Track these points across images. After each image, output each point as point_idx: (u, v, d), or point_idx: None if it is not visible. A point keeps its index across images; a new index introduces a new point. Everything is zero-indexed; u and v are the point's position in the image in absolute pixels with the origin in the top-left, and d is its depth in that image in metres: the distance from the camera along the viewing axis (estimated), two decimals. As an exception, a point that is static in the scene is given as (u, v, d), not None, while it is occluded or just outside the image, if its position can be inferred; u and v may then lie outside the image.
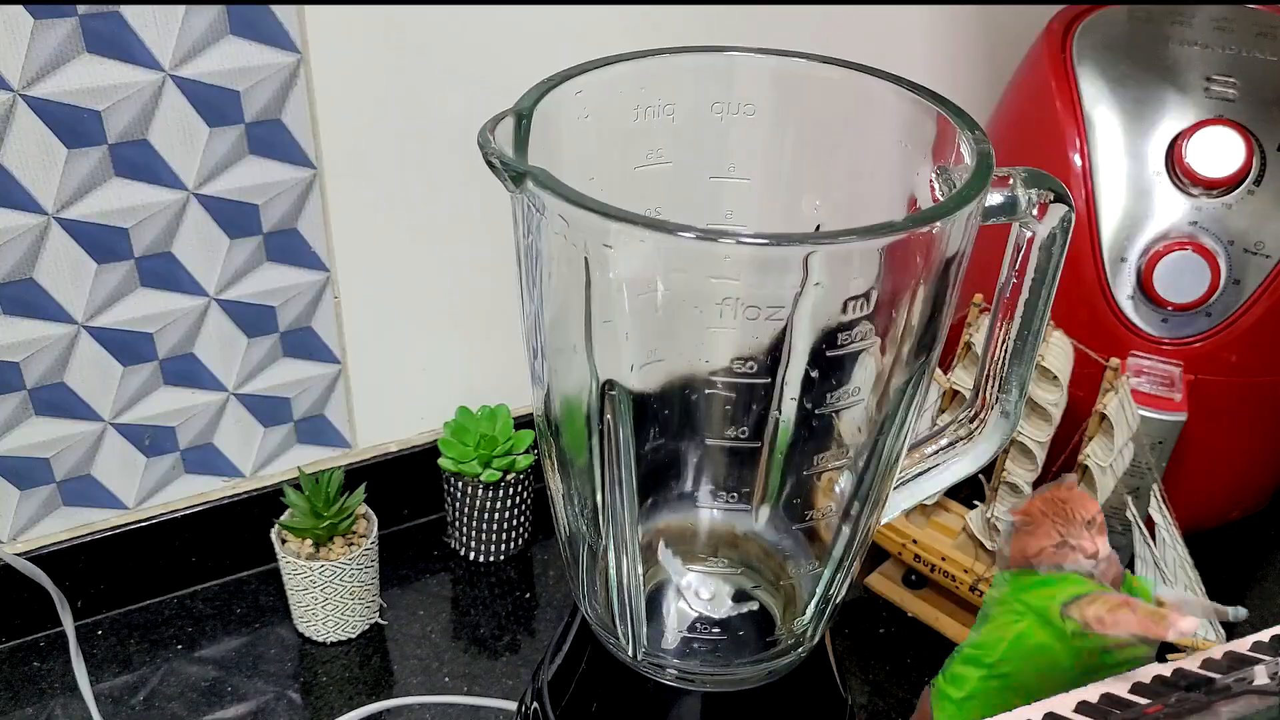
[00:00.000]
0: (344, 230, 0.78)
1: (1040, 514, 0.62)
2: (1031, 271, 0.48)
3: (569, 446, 0.50)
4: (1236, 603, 0.63)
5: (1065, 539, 0.61)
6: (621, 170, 0.52)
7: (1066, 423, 0.72)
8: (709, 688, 0.53)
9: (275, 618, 0.83)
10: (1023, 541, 0.62)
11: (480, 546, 0.88)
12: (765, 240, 0.40)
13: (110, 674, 0.78)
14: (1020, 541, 0.62)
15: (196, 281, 0.75)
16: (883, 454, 0.49)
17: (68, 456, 0.77)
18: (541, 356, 0.49)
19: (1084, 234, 0.77)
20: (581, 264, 0.43)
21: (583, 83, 0.49)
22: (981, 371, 0.52)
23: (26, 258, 0.69)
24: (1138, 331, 0.77)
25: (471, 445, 0.85)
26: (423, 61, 0.75)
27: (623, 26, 0.81)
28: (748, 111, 0.52)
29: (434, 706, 0.77)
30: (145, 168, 0.70)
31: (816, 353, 0.44)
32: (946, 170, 0.47)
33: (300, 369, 0.82)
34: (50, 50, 0.64)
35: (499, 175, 0.42)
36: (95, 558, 0.80)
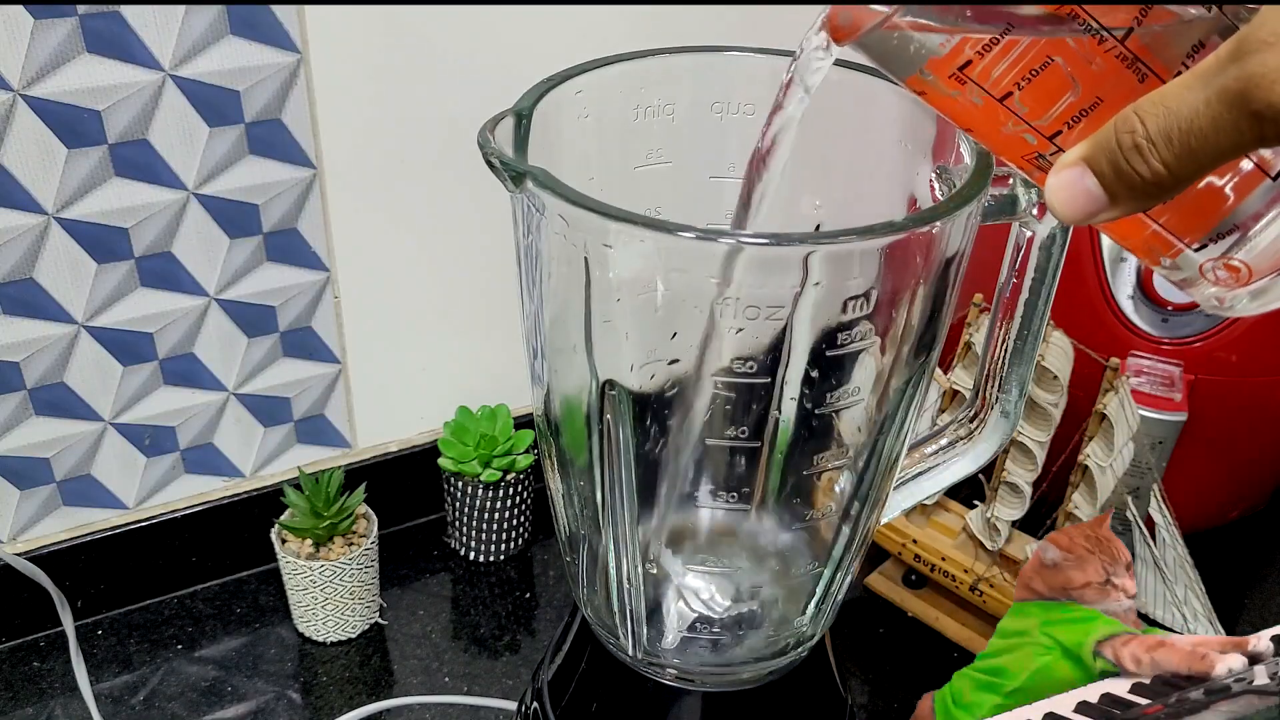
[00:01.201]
0: (344, 230, 0.78)
1: (1086, 550, 0.62)
2: (1031, 271, 0.48)
3: (569, 446, 0.50)
4: (1236, 602, 0.63)
5: (1110, 577, 0.61)
6: (621, 170, 0.52)
7: (1066, 423, 0.72)
8: (709, 688, 0.53)
9: (275, 618, 0.83)
10: (1067, 575, 0.62)
11: (480, 546, 0.88)
12: (765, 240, 0.40)
13: (110, 674, 0.78)
14: (1064, 575, 0.62)
15: (196, 281, 0.75)
16: (883, 454, 0.49)
17: (68, 456, 0.77)
18: (541, 356, 0.49)
19: (1084, 234, 0.77)
20: (581, 264, 0.43)
21: (583, 83, 0.49)
22: (981, 371, 0.52)
23: (26, 258, 0.69)
24: (1138, 331, 0.77)
25: (471, 445, 0.85)
26: (423, 62, 0.75)
27: (623, 26, 0.81)
28: (748, 111, 0.52)
29: (434, 706, 0.77)
30: (145, 168, 0.70)
31: (816, 352, 0.44)
32: (946, 170, 0.47)
33: (300, 369, 0.82)
34: (50, 50, 0.64)
35: (499, 175, 0.42)
36: (95, 558, 0.80)
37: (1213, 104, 0.27)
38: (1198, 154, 0.28)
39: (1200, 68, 0.28)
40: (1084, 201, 0.30)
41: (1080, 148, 0.30)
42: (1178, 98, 0.28)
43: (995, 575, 0.77)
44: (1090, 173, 0.29)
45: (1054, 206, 0.30)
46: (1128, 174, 0.29)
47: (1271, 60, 0.26)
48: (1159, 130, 0.28)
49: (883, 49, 0.36)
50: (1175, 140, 0.28)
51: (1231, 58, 0.27)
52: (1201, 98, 0.27)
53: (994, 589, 0.76)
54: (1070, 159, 0.30)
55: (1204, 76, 0.27)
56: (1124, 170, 0.29)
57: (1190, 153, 0.28)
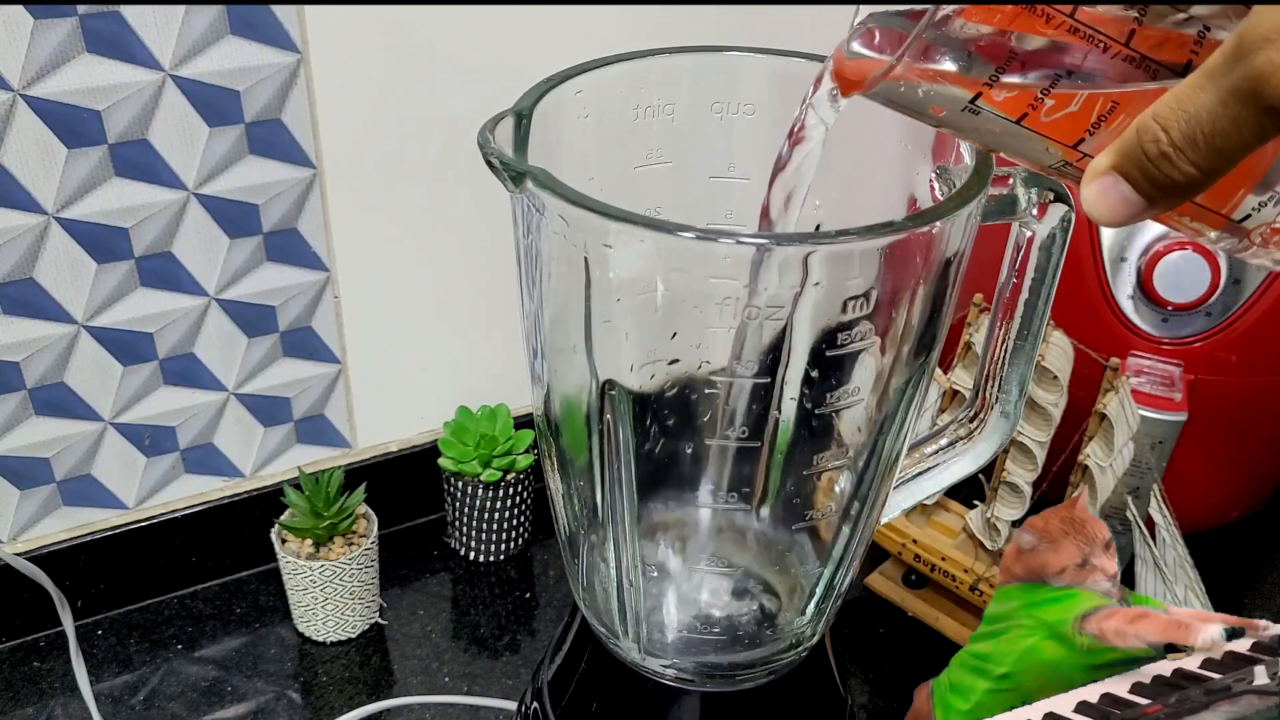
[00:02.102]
0: (344, 230, 0.78)
1: (1061, 532, 0.62)
2: (1031, 271, 0.48)
3: (569, 446, 0.50)
4: (1236, 602, 0.63)
5: (1088, 558, 0.61)
6: (621, 170, 0.52)
7: (1066, 423, 0.72)
8: (709, 688, 0.53)
9: (275, 618, 0.83)
10: (1043, 559, 0.62)
11: (480, 546, 0.88)
12: (765, 240, 0.40)
13: (110, 674, 0.78)
14: (1040, 558, 0.62)
15: (196, 281, 0.75)
16: (883, 454, 0.49)
17: (68, 456, 0.77)
18: (541, 356, 0.49)
19: (1084, 234, 0.77)
20: (581, 264, 0.43)
21: (583, 83, 0.49)
22: (981, 371, 0.52)
23: (26, 258, 0.69)
24: (1138, 331, 0.77)
25: (471, 445, 0.85)
26: (423, 61, 0.75)
27: (623, 26, 0.81)
28: (748, 111, 0.52)
29: (434, 706, 0.77)
30: (145, 168, 0.70)
31: (816, 352, 0.44)
32: (946, 170, 0.47)
33: (300, 369, 0.82)
34: (50, 50, 0.64)
35: (499, 175, 0.42)
36: (95, 558, 0.80)
37: (1230, 104, 0.27)
38: (1225, 152, 0.28)
39: (1208, 66, 0.28)
40: (1123, 209, 0.30)
41: (1108, 156, 0.30)
42: (1194, 100, 0.28)
43: (995, 575, 0.77)
44: (1123, 180, 0.30)
45: (1094, 215, 0.31)
46: (1160, 179, 0.29)
47: (1276, 56, 0.26)
48: (1183, 136, 0.28)
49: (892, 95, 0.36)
50: (1201, 143, 0.28)
51: (1236, 56, 0.27)
52: (1217, 99, 0.28)
53: (994, 589, 0.76)
54: (1100, 168, 0.30)
55: (1214, 76, 0.28)
56: (1155, 176, 0.29)
57: (1218, 152, 0.28)
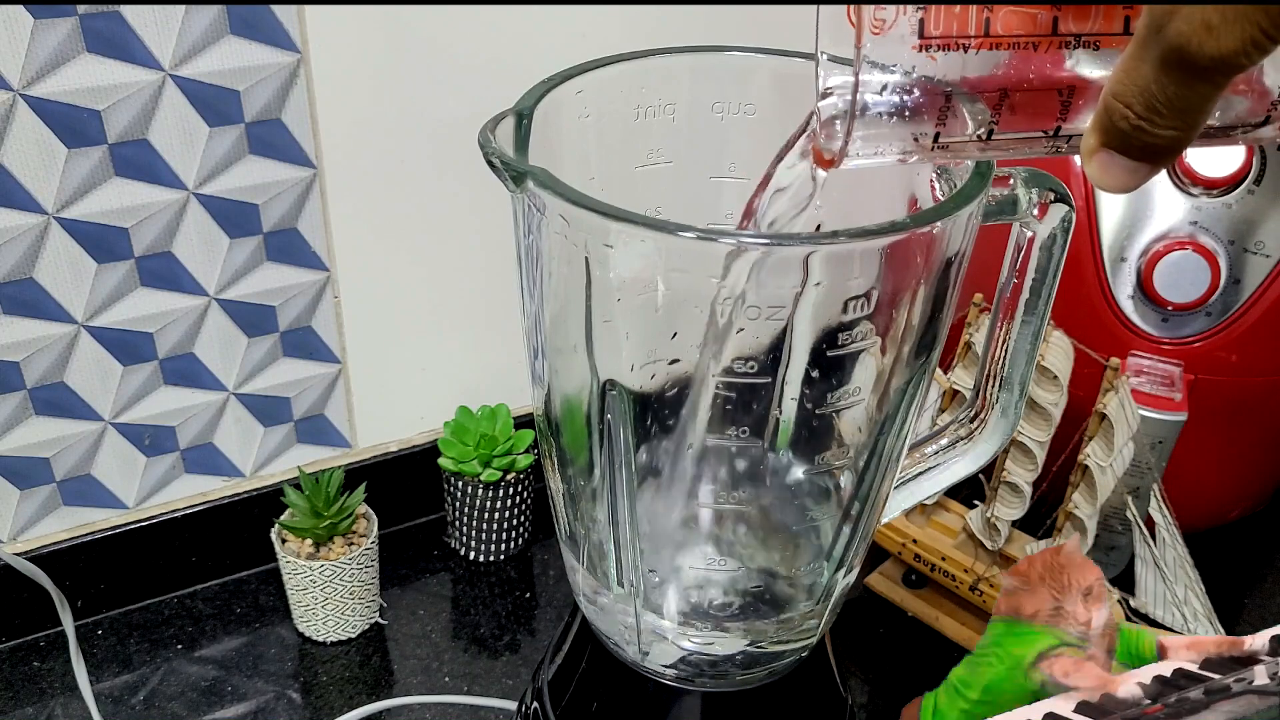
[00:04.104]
0: (344, 230, 0.78)
1: (1037, 578, 0.63)
2: (1032, 271, 0.48)
3: (569, 446, 0.50)
4: (1236, 602, 0.63)
5: (1060, 605, 0.62)
6: (621, 170, 0.52)
7: (1066, 423, 0.72)
8: (709, 688, 0.53)
9: (275, 617, 0.83)
10: (1017, 601, 0.64)
11: (480, 546, 0.88)
12: (765, 240, 0.40)
13: (110, 674, 0.78)
14: (1015, 600, 0.64)
15: (196, 281, 0.75)
16: (883, 454, 0.49)
17: (68, 456, 0.77)
18: (541, 356, 0.49)
19: (1084, 234, 0.77)
20: (582, 264, 0.43)
21: (583, 83, 0.49)
22: (981, 371, 0.52)
23: (26, 257, 0.69)
24: (1138, 331, 0.77)
25: (471, 445, 0.85)
26: (423, 61, 0.75)
27: (623, 26, 0.81)
28: (748, 111, 0.52)
29: (434, 706, 0.77)
30: (145, 167, 0.70)
31: (817, 352, 0.44)
32: (947, 170, 0.47)
33: (300, 369, 0.82)
34: (50, 50, 0.64)
35: (499, 175, 0.42)
36: (95, 558, 0.80)
37: (1170, 72, 0.28)
38: (1190, 110, 0.29)
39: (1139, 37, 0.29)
40: (1129, 177, 0.31)
41: (1093, 135, 0.31)
42: (1139, 73, 0.29)
43: (995, 575, 0.77)
44: (1116, 154, 0.31)
45: (1105, 189, 0.32)
46: (1147, 145, 0.30)
47: (1183, 26, 0.27)
48: (1145, 108, 0.29)
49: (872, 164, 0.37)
50: (1164, 110, 0.29)
51: (1153, 29, 0.28)
52: (1156, 69, 0.29)
53: (994, 589, 0.76)
54: (1091, 147, 0.31)
55: (1145, 47, 0.29)
56: (1142, 143, 0.30)
57: (1182, 113, 0.29)
